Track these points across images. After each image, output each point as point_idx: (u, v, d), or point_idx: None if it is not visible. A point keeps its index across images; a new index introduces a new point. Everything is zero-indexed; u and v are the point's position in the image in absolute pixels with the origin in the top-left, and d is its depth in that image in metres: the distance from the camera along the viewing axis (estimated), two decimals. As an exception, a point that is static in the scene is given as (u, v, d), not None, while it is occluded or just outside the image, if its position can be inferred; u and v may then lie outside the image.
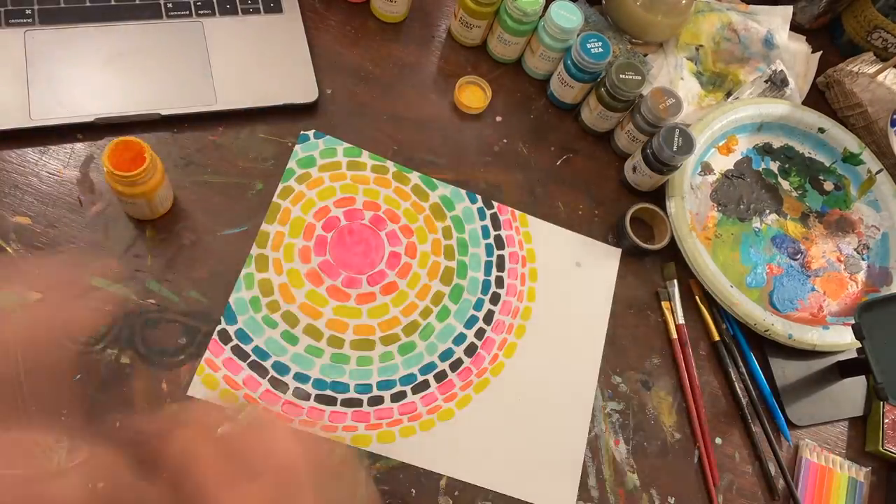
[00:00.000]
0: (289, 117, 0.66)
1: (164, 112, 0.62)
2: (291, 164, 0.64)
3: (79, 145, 0.60)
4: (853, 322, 0.64)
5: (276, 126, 0.66)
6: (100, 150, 0.60)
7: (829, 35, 0.92)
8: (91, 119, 0.60)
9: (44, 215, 0.57)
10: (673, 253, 0.70)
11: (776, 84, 0.80)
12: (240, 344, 0.57)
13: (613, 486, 0.61)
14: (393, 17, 0.73)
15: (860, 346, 0.64)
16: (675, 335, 0.68)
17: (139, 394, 0.54)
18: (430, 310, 0.62)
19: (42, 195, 0.58)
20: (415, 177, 0.67)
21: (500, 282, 0.65)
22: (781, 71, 0.80)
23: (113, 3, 0.65)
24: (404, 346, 0.61)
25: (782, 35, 0.84)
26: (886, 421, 0.69)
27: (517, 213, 0.68)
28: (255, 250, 0.60)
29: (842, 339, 0.69)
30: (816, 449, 0.67)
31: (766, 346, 0.70)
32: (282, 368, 0.57)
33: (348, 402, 0.57)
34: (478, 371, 0.61)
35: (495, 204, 0.68)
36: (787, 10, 0.85)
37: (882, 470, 0.69)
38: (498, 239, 0.67)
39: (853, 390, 0.71)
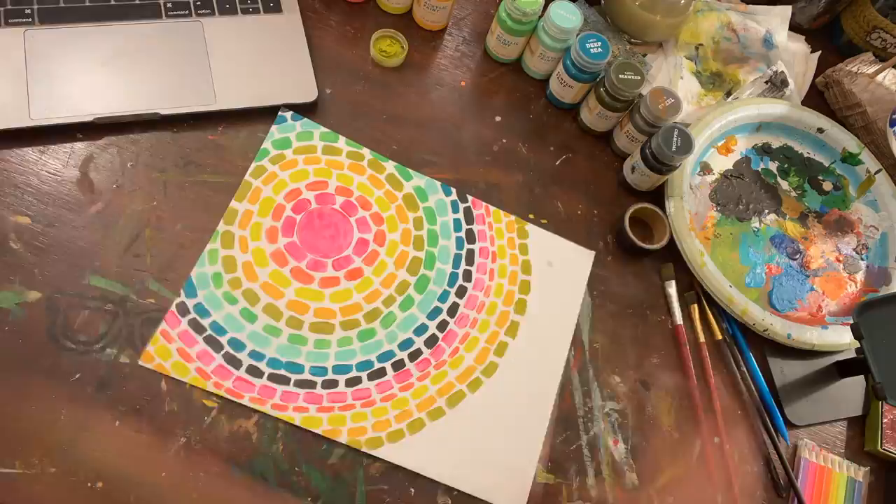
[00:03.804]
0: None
1: (164, 112, 0.62)
2: (266, 144, 0.64)
3: (78, 145, 0.60)
4: (852, 322, 0.64)
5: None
6: (99, 150, 0.61)
7: (829, 35, 0.92)
8: (90, 118, 0.60)
9: (43, 215, 0.57)
10: (672, 253, 0.70)
11: (776, 85, 0.80)
12: (197, 318, 0.57)
13: (612, 486, 0.61)
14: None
15: (859, 345, 0.64)
16: (702, 339, 0.68)
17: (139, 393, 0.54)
18: (394, 298, 0.62)
19: (42, 194, 0.58)
20: (390, 165, 0.67)
21: (467, 275, 0.65)
22: (782, 72, 0.80)
23: (112, 2, 0.65)
24: (364, 333, 0.61)
25: (781, 35, 0.84)
26: (885, 420, 0.69)
27: (491, 208, 0.68)
28: (221, 227, 0.60)
29: (840, 338, 0.69)
30: (815, 449, 0.68)
31: (765, 346, 0.70)
32: (237, 345, 0.57)
33: (302, 384, 0.57)
34: (436, 363, 0.61)
35: (469, 198, 0.68)
36: (786, 10, 0.85)
37: (881, 469, 0.69)
38: (469, 233, 0.67)
39: (852, 390, 0.71)
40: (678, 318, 0.68)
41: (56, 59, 0.61)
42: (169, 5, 0.66)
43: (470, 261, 0.66)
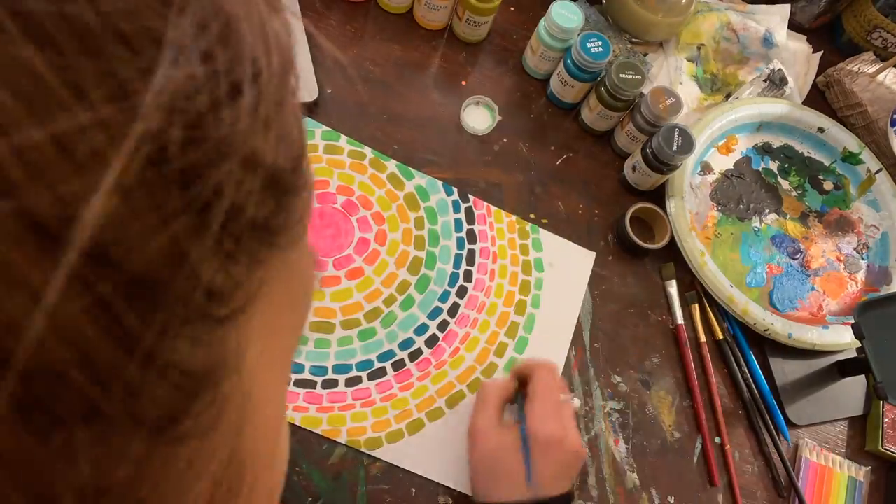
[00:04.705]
0: (289, 117, 0.66)
1: (164, 111, 0.62)
2: None
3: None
4: (853, 321, 0.64)
5: (276, 125, 0.66)
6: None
7: (829, 35, 0.92)
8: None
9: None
10: (673, 253, 0.70)
11: (775, 83, 0.80)
12: None
13: (613, 486, 0.61)
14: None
15: (860, 345, 0.64)
16: (703, 338, 0.68)
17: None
18: (395, 298, 0.62)
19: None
20: (392, 165, 0.67)
21: (468, 276, 0.65)
22: (780, 70, 0.80)
23: (113, 2, 0.64)
24: (364, 332, 0.60)
25: (781, 34, 0.84)
26: (886, 420, 0.69)
27: (492, 208, 0.68)
28: None
29: (841, 338, 0.69)
30: (816, 448, 0.68)
31: (766, 346, 0.70)
32: None
33: (301, 383, 0.57)
34: (437, 363, 0.61)
35: (471, 198, 0.68)
36: (785, 9, 0.85)
37: (881, 469, 0.69)
38: (470, 233, 0.67)
39: (853, 389, 0.71)
40: (679, 317, 0.68)
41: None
42: (169, 5, 0.66)
43: (471, 261, 0.66)
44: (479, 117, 0.72)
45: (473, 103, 0.72)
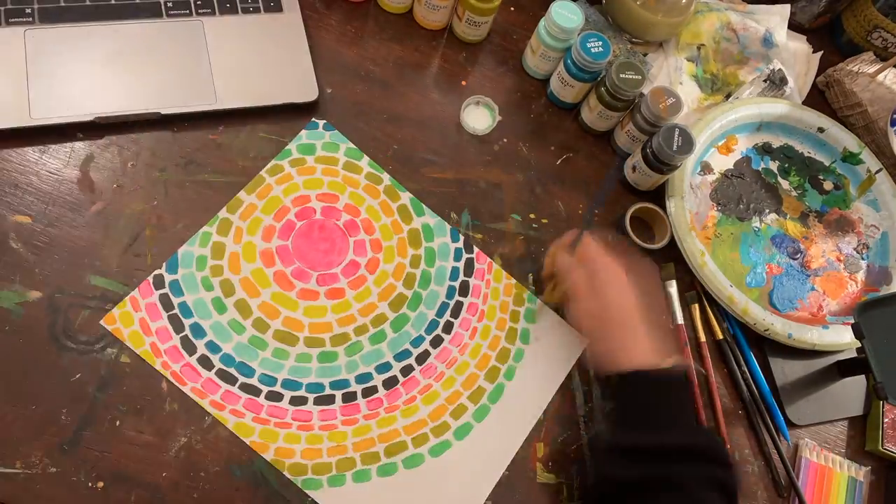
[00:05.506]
0: (289, 116, 0.66)
1: (165, 111, 0.62)
2: (291, 146, 0.65)
3: (79, 144, 0.60)
4: (853, 321, 0.64)
5: (277, 125, 0.66)
6: (100, 150, 0.60)
7: (829, 34, 0.92)
8: (91, 118, 0.60)
9: (44, 214, 0.57)
10: (673, 253, 0.70)
11: (775, 83, 0.80)
12: (169, 294, 0.57)
13: (613, 486, 0.61)
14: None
15: (860, 345, 0.64)
16: (703, 338, 0.68)
17: (138, 392, 0.54)
18: (367, 328, 0.60)
19: (42, 194, 0.58)
20: (406, 197, 0.66)
21: (448, 327, 0.62)
22: (780, 69, 0.80)
23: (113, 1, 0.65)
24: (325, 355, 0.58)
25: (781, 34, 0.84)
26: (886, 420, 0.69)
27: (494, 266, 0.66)
28: (222, 213, 0.61)
29: (841, 338, 0.69)
30: (816, 448, 0.68)
31: (766, 346, 0.70)
32: (198, 332, 0.56)
33: (247, 388, 0.56)
34: (388, 406, 0.58)
35: (475, 249, 0.66)
36: (785, 9, 0.85)
37: (881, 469, 0.69)
38: (464, 285, 0.64)
39: (853, 389, 0.71)
40: (679, 317, 0.68)
41: (56, 58, 0.61)
42: (170, 4, 0.66)
43: (455, 313, 0.63)
44: (479, 117, 0.72)
45: (473, 103, 0.72)
